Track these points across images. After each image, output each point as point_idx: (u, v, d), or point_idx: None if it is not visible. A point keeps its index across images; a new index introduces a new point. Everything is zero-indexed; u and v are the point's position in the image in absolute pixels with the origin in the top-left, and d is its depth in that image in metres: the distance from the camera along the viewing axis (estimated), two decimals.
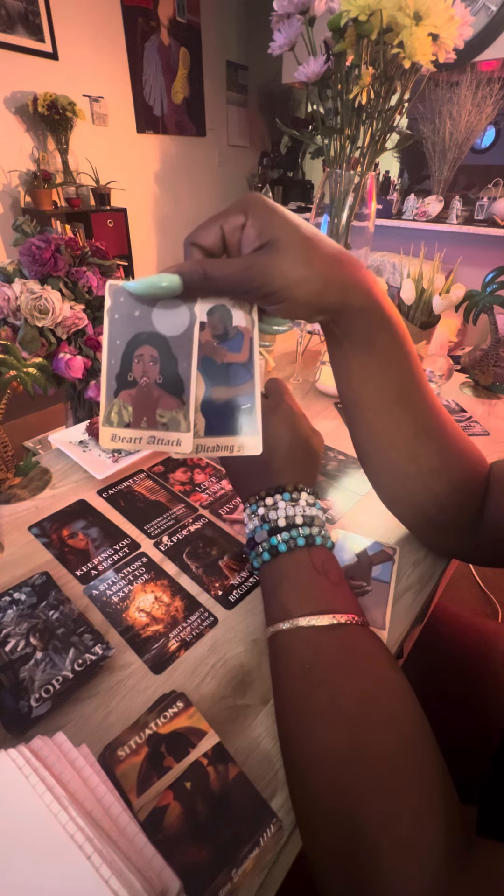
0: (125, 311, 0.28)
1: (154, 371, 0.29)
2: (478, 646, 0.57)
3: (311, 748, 0.26)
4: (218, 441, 0.30)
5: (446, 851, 0.22)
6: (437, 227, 2.44)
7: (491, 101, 2.21)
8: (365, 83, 0.67)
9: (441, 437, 0.35)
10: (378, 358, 0.32)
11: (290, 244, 0.27)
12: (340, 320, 0.31)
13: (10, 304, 0.60)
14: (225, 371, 0.30)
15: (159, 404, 0.29)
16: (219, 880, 0.23)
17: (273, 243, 0.27)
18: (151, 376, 0.29)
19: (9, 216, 2.59)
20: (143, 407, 0.29)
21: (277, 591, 0.33)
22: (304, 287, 0.28)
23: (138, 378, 0.29)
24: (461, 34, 0.65)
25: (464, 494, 0.36)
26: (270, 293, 0.28)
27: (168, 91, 3.21)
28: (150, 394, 0.29)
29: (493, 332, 0.76)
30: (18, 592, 0.38)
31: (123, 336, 0.29)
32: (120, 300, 0.28)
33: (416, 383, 0.34)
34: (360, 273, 0.30)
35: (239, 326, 0.30)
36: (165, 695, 0.31)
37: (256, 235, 0.27)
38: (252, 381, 0.31)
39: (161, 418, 0.29)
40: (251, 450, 0.30)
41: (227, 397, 0.30)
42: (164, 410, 0.29)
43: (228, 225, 0.27)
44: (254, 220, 0.27)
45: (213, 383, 0.30)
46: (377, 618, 0.39)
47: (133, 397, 0.29)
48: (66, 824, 0.22)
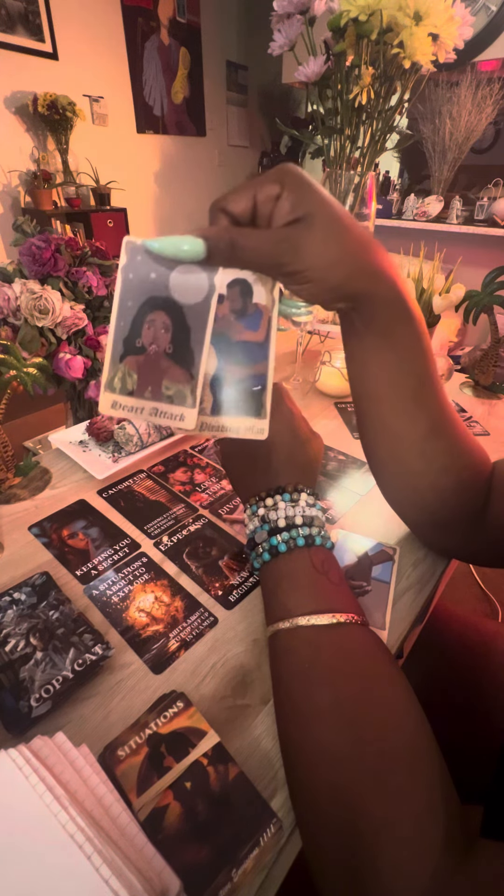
0: (141, 271, 0.26)
1: (165, 339, 0.27)
2: (478, 646, 0.57)
3: (310, 747, 0.26)
4: (224, 421, 0.29)
5: (446, 851, 0.22)
6: (437, 227, 2.44)
7: (491, 101, 2.21)
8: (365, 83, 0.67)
9: (451, 434, 0.35)
10: (397, 352, 0.31)
11: (325, 222, 0.26)
12: (363, 309, 0.30)
13: (10, 304, 0.60)
14: (239, 349, 0.29)
15: (166, 375, 0.28)
16: (219, 880, 0.23)
17: (307, 219, 0.25)
18: (161, 345, 0.27)
19: (9, 216, 2.59)
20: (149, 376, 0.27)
21: (277, 591, 0.33)
22: (334, 269, 0.27)
23: (147, 345, 0.27)
24: (461, 34, 0.65)
25: (468, 493, 0.36)
26: (298, 271, 0.26)
27: (168, 91, 3.21)
28: (157, 363, 0.27)
29: (493, 332, 0.76)
30: (18, 592, 0.38)
31: (136, 298, 0.26)
32: (136, 259, 0.26)
33: (432, 379, 0.33)
34: (387, 261, 0.29)
35: (259, 304, 0.29)
36: (165, 695, 0.31)
37: (291, 209, 0.26)
38: (266, 363, 0.29)
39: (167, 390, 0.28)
40: (257, 434, 0.29)
41: (238, 376, 0.29)
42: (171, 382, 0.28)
43: (262, 194, 0.26)
44: (289, 193, 0.26)
45: (226, 360, 0.29)
46: (377, 618, 0.39)
47: (139, 364, 0.27)
48: (66, 824, 0.22)
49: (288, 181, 0.26)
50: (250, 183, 0.26)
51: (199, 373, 0.28)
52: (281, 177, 0.26)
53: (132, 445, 0.55)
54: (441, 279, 0.75)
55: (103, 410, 0.28)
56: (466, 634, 0.59)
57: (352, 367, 0.34)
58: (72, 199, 2.72)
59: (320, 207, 0.26)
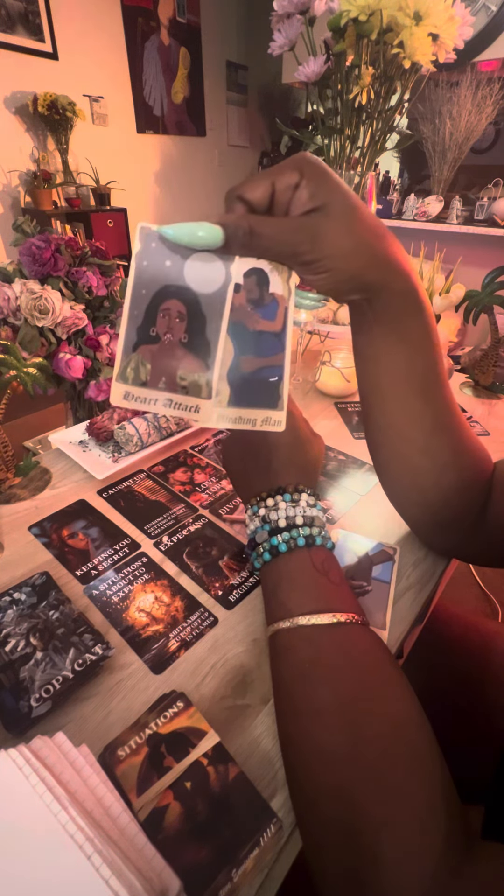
0: (156, 258, 0.25)
1: (180, 329, 0.26)
2: (478, 646, 0.57)
3: (310, 747, 0.26)
4: (241, 413, 0.28)
5: (446, 851, 0.22)
6: (437, 227, 2.44)
7: (491, 101, 2.21)
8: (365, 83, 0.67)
9: (455, 432, 0.35)
10: (408, 345, 0.32)
11: (343, 212, 0.26)
12: (376, 301, 0.30)
13: (10, 304, 0.60)
14: (256, 339, 0.28)
15: (181, 365, 0.27)
16: (219, 880, 0.23)
17: (325, 208, 0.26)
18: (176, 334, 0.26)
19: (9, 216, 2.59)
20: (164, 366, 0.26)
21: (278, 591, 0.33)
22: (350, 259, 0.27)
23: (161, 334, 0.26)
24: (461, 34, 0.65)
25: (470, 491, 0.36)
26: (315, 260, 0.26)
27: (168, 91, 3.21)
28: (172, 353, 0.26)
29: (493, 332, 0.76)
30: (18, 592, 0.38)
31: (151, 286, 0.26)
32: (151, 246, 0.25)
33: (439, 376, 0.33)
34: (401, 252, 0.29)
35: (275, 294, 0.28)
36: (165, 695, 0.31)
37: (309, 197, 0.26)
38: (283, 354, 0.29)
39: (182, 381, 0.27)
40: (275, 425, 0.28)
41: (255, 367, 0.28)
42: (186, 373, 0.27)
43: (281, 182, 0.26)
44: (308, 182, 0.25)
45: (243, 351, 0.28)
46: (377, 618, 0.39)
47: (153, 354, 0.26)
48: (66, 824, 0.22)
49: (307, 170, 0.26)
50: (269, 171, 0.26)
51: (216, 363, 0.27)
52: (300, 165, 0.26)
53: (132, 445, 0.55)
54: (441, 279, 0.75)
55: (115, 402, 0.27)
56: (466, 634, 0.59)
57: (360, 361, 0.34)
58: (72, 199, 2.72)
59: (339, 197, 0.26)
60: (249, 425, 0.28)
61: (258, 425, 0.28)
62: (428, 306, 0.31)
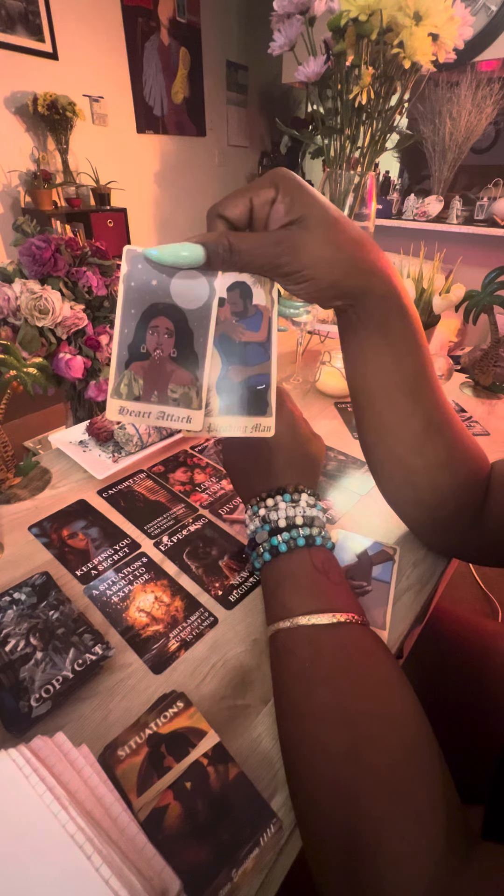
0: (142, 278, 0.27)
1: (169, 344, 0.28)
2: (478, 646, 0.57)
3: (311, 746, 0.26)
4: (231, 421, 0.30)
5: (446, 851, 0.22)
6: (437, 227, 2.44)
7: (491, 101, 2.21)
8: (365, 83, 0.67)
9: (448, 432, 0.35)
10: (394, 347, 0.32)
11: (319, 223, 0.27)
12: (359, 306, 0.30)
13: (10, 304, 0.60)
14: (242, 350, 0.30)
15: (172, 379, 0.28)
16: (219, 880, 0.23)
17: (303, 220, 0.26)
18: (166, 349, 0.28)
19: (9, 216, 2.59)
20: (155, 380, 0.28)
21: (278, 591, 0.33)
22: (331, 268, 0.27)
23: (152, 350, 0.28)
24: (461, 34, 0.65)
25: (466, 491, 0.36)
26: (296, 271, 0.27)
27: (168, 91, 3.21)
28: (163, 367, 0.28)
29: (493, 332, 0.76)
30: (18, 592, 0.38)
31: (139, 305, 0.27)
32: (138, 267, 0.27)
33: (428, 376, 0.34)
34: (382, 258, 0.30)
35: (259, 305, 0.29)
36: (165, 695, 0.31)
37: (286, 211, 0.27)
38: (269, 362, 0.30)
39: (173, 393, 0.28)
40: (264, 431, 0.30)
41: (243, 377, 0.30)
42: (177, 385, 0.28)
43: (259, 198, 0.27)
44: (284, 196, 0.27)
45: (230, 362, 0.30)
46: (377, 617, 0.39)
47: (145, 370, 0.28)
48: (66, 824, 0.22)
49: (283, 185, 0.27)
50: (246, 188, 0.27)
51: (204, 375, 0.29)
52: (276, 180, 0.27)
53: (132, 445, 0.55)
54: (441, 279, 0.75)
55: (111, 416, 0.28)
56: (466, 634, 0.59)
57: (349, 364, 0.35)
58: (72, 199, 2.72)
59: (315, 209, 0.27)
60: (240, 432, 0.30)
61: (248, 432, 0.30)
62: (412, 309, 0.32)
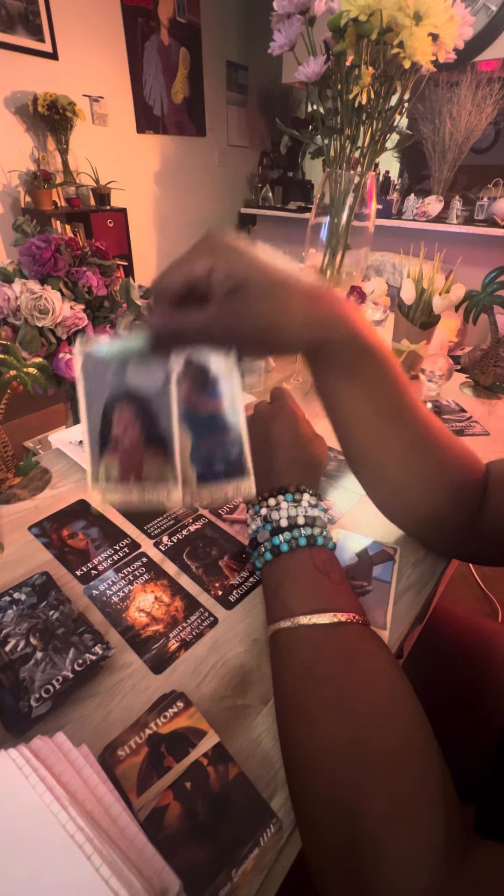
0: (99, 371, 0.28)
1: (136, 428, 0.29)
2: (478, 646, 0.57)
3: (311, 745, 0.26)
4: (212, 489, 0.30)
5: (446, 849, 0.22)
6: (437, 227, 2.44)
7: (491, 101, 2.21)
8: (365, 83, 0.67)
9: (433, 447, 0.35)
10: (362, 384, 0.32)
11: (261, 288, 0.26)
12: (323, 353, 0.30)
13: (10, 304, 0.60)
14: (209, 421, 0.30)
15: (145, 460, 0.29)
16: (219, 880, 0.23)
17: (243, 287, 0.26)
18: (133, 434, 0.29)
19: (9, 216, 2.59)
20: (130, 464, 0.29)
21: (279, 590, 0.33)
22: (281, 331, 0.27)
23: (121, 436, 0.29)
24: (461, 34, 0.65)
25: (461, 499, 0.36)
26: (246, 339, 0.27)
27: (168, 91, 3.21)
28: (134, 451, 0.29)
29: (493, 332, 0.76)
30: (18, 592, 0.38)
31: (100, 396, 0.28)
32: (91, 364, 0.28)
33: (405, 401, 0.33)
34: (337, 306, 0.29)
35: (217, 374, 0.30)
36: (165, 695, 0.31)
37: (225, 279, 0.26)
38: (238, 427, 0.30)
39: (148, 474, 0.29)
40: (245, 493, 0.30)
41: (215, 446, 0.30)
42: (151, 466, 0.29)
43: (195, 270, 0.26)
44: (221, 264, 0.26)
45: (199, 434, 0.30)
46: (378, 617, 0.39)
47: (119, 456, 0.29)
48: (66, 824, 0.22)
49: (216, 252, 0.26)
50: (182, 258, 0.27)
51: (175, 453, 0.29)
52: (209, 248, 0.26)
53: None
54: (441, 279, 0.75)
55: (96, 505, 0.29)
56: (466, 634, 0.59)
57: (323, 400, 0.35)
58: (72, 199, 2.72)
59: (255, 274, 0.26)
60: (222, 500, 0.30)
61: (230, 496, 0.30)
62: (378, 344, 0.31)
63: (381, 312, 0.74)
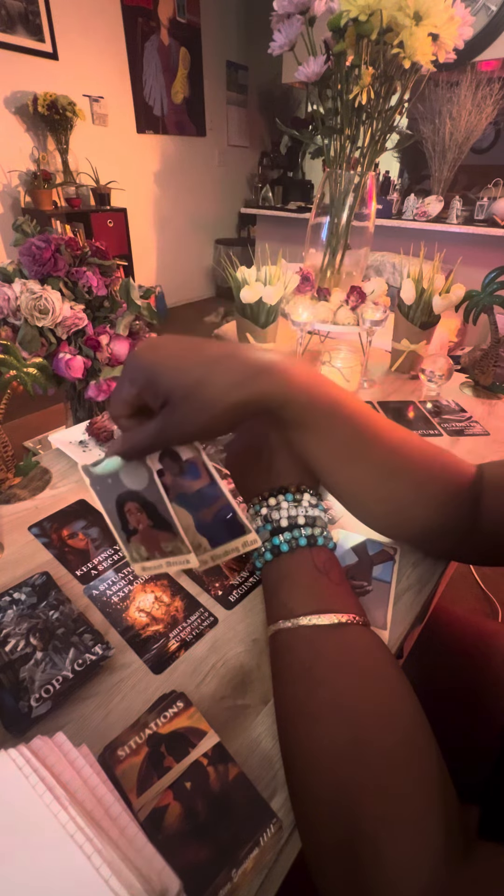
0: (102, 482, 0.34)
1: (144, 518, 0.35)
2: (478, 646, 0.57)
3: (310, 745, 0.26)
4: (225, 548, 0.35)
5: (445, 849, 0.22)
6: (437, 227, 2.44)
7: (491, 101, 2.21)
8: (365, 83, 0.67)
9: (409, 471, 0.35)
10: (315, 433, 0.33)
11: (182, 398, 0.29)
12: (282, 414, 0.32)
13: (10, 304, 0.60)
14: (198, 497, 0.36)
15: (160, 539, 0.34)
16: (219, 880, 0.23)
17: (169, 401, 0.29)
18: (144, 522, 0.35)
19: (9, 216, 2.59)
20: (150, 544, 0.34)
21: (279, 591, 0.33)
22: (214, 422, 0.30)
23: (136, 526, 0.34)
24: (461, 34, 0.65)
25: (448, 511, 0.36)
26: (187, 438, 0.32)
27: (168, 91, 3.21)
28: (149, 534, 0.35)
29: (493, 332, 0.76)
30: (18, 592, 0.38)
31: (110, 500, 0.34)
32: (94, 477, 0.34)
33: (367, 438, 0.34)
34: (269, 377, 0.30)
35: (189, 459, 0.36)
36: (165, 695, 0.31)
37: (152, 399, 0.30)
38: (222, 495, 0.35)
39: (166, 548, 0.34)
40: (252, 545, 0.34)
41: (211, 516, 0.36)
42: (166, 543, 0.34)
43: (129, 397, 0.31)
44: (143, 388, 0.30)
45: (195, 509, 0.36)
46: (378, 617, 0.39)
47: (141, 539, 0.34)
48: (66, 824, 0.22)
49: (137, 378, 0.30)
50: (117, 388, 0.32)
51: (179, 529, 0.34)
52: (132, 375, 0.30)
53: None
54: (441, 279, 0.75)
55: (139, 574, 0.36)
56: (466, 634, 0.59)
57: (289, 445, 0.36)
58: (72, 199, 2.72)
59: (172, 388, 0.29)
60: (235, 553, 0.35)
61: (242, 550, 0.35)
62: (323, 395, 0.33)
63: (381, 312, 0.74)
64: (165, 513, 0.34)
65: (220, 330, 1.05)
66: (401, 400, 0.74)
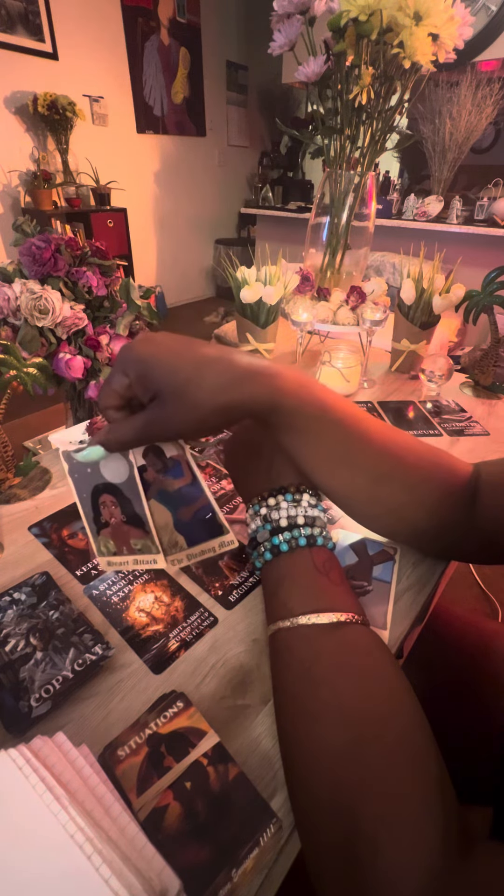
0: (81, 470, 0.34)
1: (117, 512, 0.34)
2: (478, 646, 0.57)
3: (310, 745, 0.26)
4: (202, 547, 0.35)
5: (444, 850, 0.22)
6: (437, 227, 2.44)
7: (491, 101, 2.21)
8: (365, 83, 0.67)
9: (401, 473, 0.35)
10: (305, 437, 0.33)
11: (172, 395, 0.29)
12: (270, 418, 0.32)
13: (10, 304, 0.60)
14: (179, 495, 0.35)
15: (130, 536, 0.34)
16: (219, 880, 0.23)
17: (158, 396, 0.29)
18: (117, 517, 0.34)
19: (9, 216, 2.59)
20: (120, 539, 0.34)
21: (279, 590, 0.33)
22: (200, 423, 0.30)
23: (108, 519, 0.34)
24: (461, 34, 0.65)
25: (442, 512, 0.36)
26: (173, 436, 0.32)
27: (168, 91, 3.21)
28: (120, 529, 0.35)
29: (493, 332, 0.76)
30: (18, 592, 0.38)
31: (86, 490, 0.34)
32: (74, 465, 0.34)
33: (357, 441, 0.34)
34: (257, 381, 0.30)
35: (173, 456, 0.35)
36: (165, 695, 0.31)
37: (143, 392, 0.30)
38: (204, 494, 0.35)
39: (135, 545, 0.34)
40: (228, 545, 0.35)
41: (190, 515, 0.35)
42: (136, 539, 0.34)
43: (120, 388, 0.31)
44: (134, 380, 0.30)
45: (175, 508, 0.35)
46: (378, 617, 0.39)
47: (111, 533, 0.34)
48: (66, 824, 0.22)
49: (129, 370, 0.30)
50: (108, 379, 0.31)
51: (151, 527, 0.34)
52: (124, 367, 0.30)
53: None
54: (441, 279, 0.75)
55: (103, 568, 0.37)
56: (466, 634, 0.59)
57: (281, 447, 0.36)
58: (72, 199, 2.72)
59: (164, 383, 0.29)
60: (212, 553, 0.35)
61: (217, 551, 0.35)
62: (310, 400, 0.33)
63: (381, 312, 0.74)
64: (140, 510, 0.34)
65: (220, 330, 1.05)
66: (401, 400, 0.74)
